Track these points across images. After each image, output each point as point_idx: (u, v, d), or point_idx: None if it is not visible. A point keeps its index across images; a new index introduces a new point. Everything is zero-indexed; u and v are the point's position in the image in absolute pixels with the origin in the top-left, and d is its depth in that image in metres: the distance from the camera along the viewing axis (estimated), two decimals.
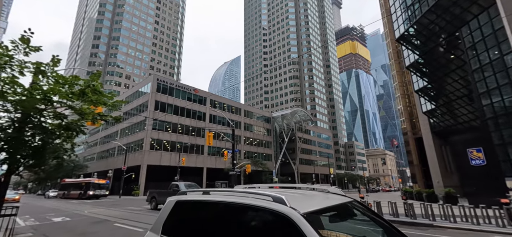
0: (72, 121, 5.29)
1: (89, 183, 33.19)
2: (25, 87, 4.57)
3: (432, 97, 39.57)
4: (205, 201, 2.49)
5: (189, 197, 2.70)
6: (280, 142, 70.30)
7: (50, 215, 14.21)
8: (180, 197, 2.73)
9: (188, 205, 2.63)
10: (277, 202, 1.90)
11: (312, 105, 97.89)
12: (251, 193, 2.19)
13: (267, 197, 2.01)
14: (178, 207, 2.63)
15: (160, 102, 44.85)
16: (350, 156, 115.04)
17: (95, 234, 8.52)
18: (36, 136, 4.84)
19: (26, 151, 4.84)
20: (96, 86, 5.06)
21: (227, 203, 2.27)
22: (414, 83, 41.72)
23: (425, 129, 46.09)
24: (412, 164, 57.87)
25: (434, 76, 36.33)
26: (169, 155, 43.97)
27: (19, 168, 5.13)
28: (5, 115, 4.83)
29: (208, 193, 2.60)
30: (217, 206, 2.36)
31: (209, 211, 2.44)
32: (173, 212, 2.62)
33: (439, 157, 43.93)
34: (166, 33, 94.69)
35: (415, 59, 36.88)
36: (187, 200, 2.66)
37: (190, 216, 2.54)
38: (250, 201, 2.09)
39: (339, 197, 2.47)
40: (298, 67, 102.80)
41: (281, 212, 1.82)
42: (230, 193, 2.41)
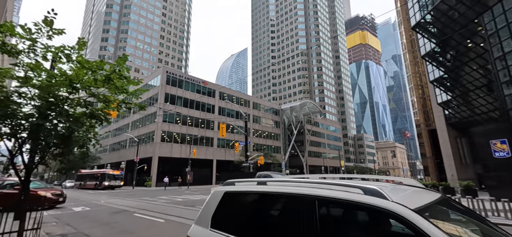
0: (97, 109, 5.15)
1: (104, 174, 34.07)
2: (50, 71, 4.40)
3: (448, 88, 38.18)
4: (263, 192, 2.22)
5: (239, 187, 2.49)
6: (289, 134, 69.91)
7: (70, 205, 14.56)
8: (229, 187, 2.51)
9: (240, 197, 2.41)
10: (373, 196, 1.61)
11: (320, 97, 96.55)
12: (325, 183, 1.92)
13: (354, 189, 1.72)
14: (227, 199, 2.43)
15: (170, 94, 45.09)
16: (359, 148, 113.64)
17: (118, 224, 8.58)
18: (62, 124, 4.71)
19: (51, 140, 4.74)
20: (122, 70, 4.87)
21: (297, 196, 1.97)
22: (429, 73, 40.27)
23: (439, 121, 44.82)
24: (425, 157, 56.60)
25: (451, 65, 34.87)
26: (179, 147, 44.45)
27: (45, 158, 5.06)
28: (30, 103, 4.73)
29: (264, 183, 2.33)
30: (281, 199, 2.10)
31: (269, 204, 2.19)
32: (222, 204, 2.41)
33: (454, 149, 42.79)
34: (174, 25, 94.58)
35: (431, 48, 35.45)
36: (238, 191, 2.44)
37: (244, 209, 2.33)
38: (330, 193, 1.80)
39: (431, 192, 2.12)
40: (306, 58, 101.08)
41: (385, 208, 1.53)
42: (295, 184, 2.12)
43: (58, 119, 4.61)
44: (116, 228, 7.94)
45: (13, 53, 4.19)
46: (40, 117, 4.33)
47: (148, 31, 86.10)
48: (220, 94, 54.21)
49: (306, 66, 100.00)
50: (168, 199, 17.60)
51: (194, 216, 9.99)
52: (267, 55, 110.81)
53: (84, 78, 4.63)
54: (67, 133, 4.67)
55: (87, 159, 7.19)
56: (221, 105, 53.64)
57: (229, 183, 2.59)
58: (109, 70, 4.67)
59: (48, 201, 12.46)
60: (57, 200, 13.57)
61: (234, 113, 55.33)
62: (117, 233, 7.23)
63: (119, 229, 7.79)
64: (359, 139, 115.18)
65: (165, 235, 6.98)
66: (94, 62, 4.52)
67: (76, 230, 7.71)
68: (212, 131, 50.27)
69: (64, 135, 4.68)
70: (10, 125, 4.44)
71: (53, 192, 13.49)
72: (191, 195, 21.68)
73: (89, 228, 8.03)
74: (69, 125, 4.56)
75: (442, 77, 37.69)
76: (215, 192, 2.54)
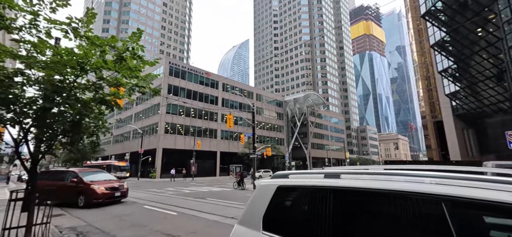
0: (105, 94, 4.68)
1: (110, 165, 34.02)
2: (56, 49, 3.89)
3: (456, 78, 37.32)
4: (342, 188, 1.71)
5: (297, 180, 2.00)
6: (292, 126, 69.48)
7: None
8: (282, 181, 2.04)
9: (301, 193, 1.93)
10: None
11: (324, 89, 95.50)
12: (449, 177, 1.36)
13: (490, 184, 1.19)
14: (282, 195, 1.97)
15: (173, 85, 44.57)
16: (362, 140, 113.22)
17: (129, 216, 8.28)
18: (71, 110, 4.25)
19: (59, 126, 4.29)
20: (136, 49, 4.37)
21: (408, 195, 1.40)
22: (437, 63, 39.32)
23: (446, 112, 44.18)
24: (430, 149, 56.12)
25: (461, 55, 33.92)
26: (183, 139, 44.26)
27: (52, 146, 4.65)
28: (34, 86, 4.27)
29: (337, 176, 1.79)
30: (377, 198, 1.55)
31: (352, 203, 1.68)
32: (275, 201, 1.97)
33: (460, 141, 42.32)
34: (175, 16, 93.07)
35: (441, 37, 34.42)
36: (297, 186, 1.96)
37: (310, 208, 1.81)
38: (472, 192, 1.22)
39: None
40: (310, 49, 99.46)
41: None
42: (392, 178, 1.57)
43: (66, 102, 4.11)
44: (127, 221, 7.63)
45: (12, 29, 3.70)
46: (46, 101, 3.86)
47: (149, 22, 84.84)
48: (223, 85, 53.59)
49: (309, 57, 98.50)
50: (175, 191, 17.38)
51: (205, 209, 9.80)
52: (270, 46, 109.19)
53: (93, 58, 4.14)
54: (77, 119, 4.22)
55: (97, 148, 6.79)
56: (225, 96, 53.10)
57: (280, 175, 2.13)
58: (122, 48, 4.16)
59: (100, 196, 10.27)
60: (113, 194, 10.80)
61: (237, 105, 54.82)
62: (129, 226, 6.91)
63: (130, 222, 7.47)
64: (362, 131, 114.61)
65: (180, 228, 6.64)
66: (105, 39, 4.02)
67: (86, 222, 7.40)
68: (216, 123, 49.92)
69: (73, 120, 4.22)
70: (13, 111, 3.97)
71: (109, 185, 10.88)
72: (198, 186, 21.50)
73: (99, 221, 7.73)
74: (78, 110, 4.11)
75: (450, 67, 36.81)
76: (263, 187, 2.08)
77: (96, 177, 11.19)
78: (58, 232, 6.02)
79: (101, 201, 10.31)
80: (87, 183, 10.40)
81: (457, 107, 42.09)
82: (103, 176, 11.76)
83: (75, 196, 10.28)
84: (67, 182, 10.72)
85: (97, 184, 10.51)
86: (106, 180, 11.30)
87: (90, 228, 6.69)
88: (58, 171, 12.64)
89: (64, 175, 11.33)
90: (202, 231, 6.25)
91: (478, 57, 30.37)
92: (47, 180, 11.07)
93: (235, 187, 18.92)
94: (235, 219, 7.52)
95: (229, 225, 6.98)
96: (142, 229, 6.58)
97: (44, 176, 11.78)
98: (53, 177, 11.64)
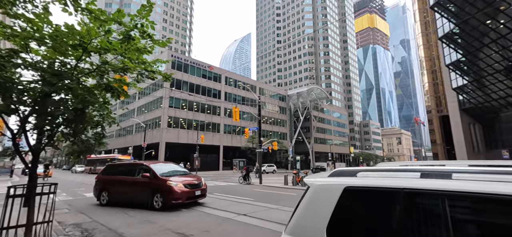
0: (111, 81, 4.22)
1: (114, 159, 33.84)
2: (55, 25, 3.39)
3: (464, 72, 36.51)
4: (457, 193, 1.20)
5: (372, 181, 1.51)
6: (295, 120, 68.94)
7: (81, 190, 14.05)
8: (350, 181, 1.57)
9: (381, 197, 1.44)
10: None
11: (327, 83, 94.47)
12: None
13: None
14: (350, 199, 1.49)
15: (175, 79, 44.04)
16: (365, 135, 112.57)
17: (136, 212, 7.91)
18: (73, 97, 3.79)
19: (61, 113, 3.83)
20: (146, 26, 3.86)
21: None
22: (445, 56, 38.46)
23: (452, 107, 43.49)
24: (435, 143, 55.50)
25: (470, 47, 33.06)
26: (186, 133, 43.99)
27: (54, 138, 4.22)
28: (34, 73, 3.81)
29: (445, 176, 1.31)
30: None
31: (469, 213, 1.21)
32: (342, 206, 1.50)
33: (467, 135, 41.75)
34: (176, 9, 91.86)
35: (450, 29, 33.50)
36: (373, 187, 1.47)
37: (399, 219, 1.32)
38: None
39: None
40: (313, 43, 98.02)
41: None
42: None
43: (68, 87, 3.61)
44: (134, 217, 7.26)
45: (5, 3, 3.22)
46: (45, 85, 3.39)
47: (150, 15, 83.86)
48: (226, 79, 52.98)
49: (313, 50, 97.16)
50: None
51: (215, 204, 9.30)
52: (272, 40, 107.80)
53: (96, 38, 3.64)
54: (80, 107, 3.76)
55: (102, 140, 6.11)
56: (227, 90, 52.55)
57: (343, 173, 1.66)
58: (129, 26, 3.66)
59: (180, 196, 8.09)
60: (193, 193, 8.56)
61: (240, 99, 54.29)
62: (138, 222, 6.53)
63: (138, 218, 7.11)
64: (365, 125, 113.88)
65: (191, 225, 6.26)
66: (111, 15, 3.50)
67: (91, 218, 7.05)
68: (219, 117, 49.52)
69: (76, 109, 3.76)
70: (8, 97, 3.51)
71: (187, 181, 8.60)
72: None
73: (105, 216, 7.37)
74: (82, 95, 3.64)
75: (459, 60, 35.98)
76: (322, 188, 1.61)
77: (165, 169, 9.19)
78: (61, 229, 5.66)
79: (181, 202, 8.15)
80: (162, 179, 8.29)
81: (464, 101, 41.47)
82: (172, 168, 9.61)
83: (149, 195, 8.26)
84: (138, 178, 8.73)
85: (173, 179, 8.36)
86: (182, 174, 9.17)
87: (95, 225, 6.33)
88: (126, 163, 10.59)
89: (134, 168, 9.39)
90: (216, 230, 5.86)
91: (487, 49, 29.56)
92: (113, 175, 9.61)
93: (240, 181, 18.59)
94: (248, 216, 7.13)
95: (242, 223, 6.59)
96: (150, 226, 6.20)
97: (110, 170, 10.11)
98: (121, 171, 9.80)
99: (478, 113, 40.96)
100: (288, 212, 7.70)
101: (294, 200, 10.41)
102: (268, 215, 7.50)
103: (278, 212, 7.99)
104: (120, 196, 9.13)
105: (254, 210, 8.00)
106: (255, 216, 7.22)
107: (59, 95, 3.76)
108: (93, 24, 3.44)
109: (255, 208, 8.50)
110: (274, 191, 13.79)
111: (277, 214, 7.56)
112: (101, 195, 9.41)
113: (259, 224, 6.33)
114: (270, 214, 7.67)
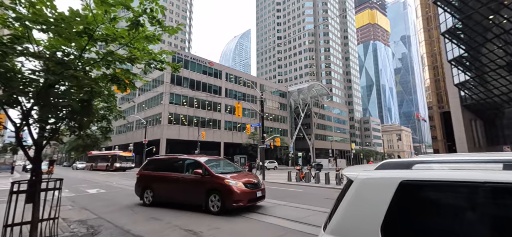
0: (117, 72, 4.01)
1: (115, 155, 33.67)
2: (59, 10, 3.15)
3: (467, 67, 36.31)
4: None
5: (434, 174, 1.32)
6: (295, 117, 68.79)
7: (84, 187, 13.92)
8: (406, 174, 1.37)
9: (448, 193, 1.25)
10: None
11: (327, 80, 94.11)
12: None
13: None
14: (407, 195, 1.30)
15: (176, 75, 43.72)
16: (365, 131, 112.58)
17: (141, 209, 7.75)
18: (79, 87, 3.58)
19: (66, 104, 3.63)
20: (156, 11, 3.60)
21: None
22: (448, 52, 38.21)
23: (454, 103, 43.39)
24: (436, 140, 55.50)
25: (473, 43, 32.81)
26: (187, 129, 43.83)
27: (58, 131, 4.03)
28: (35, 64, 3.60)
29: None
30: None
31: None
32: (398, 204, 1.30)
33: (468, 131, 41.69)
34: (176, 4, 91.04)
35: (453, 24, 33.20)
36: (437, 181, 1.27)
37: (476, 218, 1.15)
38: None
39: None
40: (313, 38, 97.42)
41: None
42: None
43: (74, 77, 3.36)
44: (140, 213, 7.11)
45: None
46: (49, 74, 3.18)
47: None
48: (226, 75, 52.66)
49: (313, 47, 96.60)
50: None
51: None
52: (273, 36, 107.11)
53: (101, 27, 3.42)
54: (87, 97, 3.55)
55: (108, 134, 5.51)
56: (228, 86, 52.27)
57: (394, 165, 1.45)
58: (137, 12, 3.43)
59: (241, 197, 6.84)
60: (254, 194, 7.30)
61: (241, 95, 54.03)
62: (144, 219, 6.38)
63: (144, 215, 6.95)
64: (366, 122, 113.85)
65: (202, 223, 6.11)
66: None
67: (96, 215, 6.89)
68: (219, 113, 49.32)
69: (83, 100, 3.56)
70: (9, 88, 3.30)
71: (246, 180, 7.36)
72: None
73: (110, 213, 7.22)
74: (89, 85, 3.44)
75: (461, 55, 35.75)
76: (372, 182, 1.42)
77: (220, 166, 8.21)
78: (67, 226, 5.50)
79: (243, 205, 6.89)
80: (218, 177, 7.12)
81: (466, 98, 41.40)
82: (226, 165, 8.65)
83: (203, 195, 7.12)
84: (189, 175, 7.62)
85: (232, 178, 7.17)
86: (238, 173, 7.92)
87: (101, 222, 6.18)
88: (173, 158, 8.95)
89: (181, 163, 8.19)
90: (226, 228, 5.71)
91: (490, 45, 29.34)
92: (157, 171, 8.48)
93: None
94: (260, 214, 6.97)
95: (253, 220, 6.44)
96: (157, 223, 6.04)
97: (150, 165, 8.98)
98: (167, 167, 8.52)
99: (480, 109, 40.87)
100: (298, 209, 7.55)
101: (301, 196, 10.27)
102: (283, 212, 7.36)
103: (288, 208, 7.85)
104: (167, 195, 8.01)
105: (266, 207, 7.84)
106: (265, 213, 7.07)
107: (64, 85, 3.56)
108: (99, 9, 3.22)
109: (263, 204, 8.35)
110: (279, 187, 13.66)
111: (288, 212, 7.42)
112: (145, 193, 8.31)
113: (273, 222, 6.18)
114: (284, 211, 7.52)
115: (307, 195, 10.83)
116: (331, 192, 11.47)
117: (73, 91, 3.64)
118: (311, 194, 10.90)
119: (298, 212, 7.11)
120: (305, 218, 6.40)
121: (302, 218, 6.41)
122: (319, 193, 11.19)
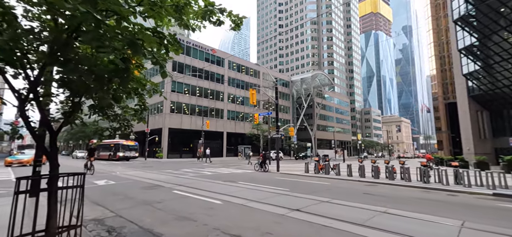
0: (155, 28, 2.94)
1: (118, 144, 32.44)
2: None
3: (477, 57, 35.35)
4: None
5: None
6: (297, 107, 67.78)
7: (89, 177, 12.89)
8: None
9: None
10: None
11: (330, 70, 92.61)
12: None
13: None
14: None
15: (178, 62, 42.14)
16: (365, 122, 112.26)
17: (162, 205, 6.78)
18: (122, 38, 2.38)
19: (97, 71, 2.52)
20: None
21: None
22: (458, 41, 37.09)
23: (461, 93, 42.66)
24: (440, 131, 55.08)
25: (486, 30, 31.69)
26: (189, 119, 42.69)
27: (81, 105, 2.96)
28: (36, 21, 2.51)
29: None
30: None
31: None
32: None
33: (474, 123, 41.22)
34: None
35: (467, 10, 31.97)
36: None
37: None
38: None
39: None
40: (316, 27, 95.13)
41: None
42: None
43: (119, 11, 2.19)
44: (163, 210, 6.14)
45: None
46: (74, 9, 2.05)
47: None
48: (229, 63, 51.09)
49: (315, 35, 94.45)
50: (195, 172, 15.99)
51: (250, 196, 7.66)
52: (274, 24, 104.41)
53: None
54: (122, 65, 2.42)
55: (142, 115, 4.50)
56: (231, 75, 50.81)
57: None
58: None
59: None
60: None
61: (244, 84, 52.69)
62: (173, 219, 5.40)
63: (169, 212, 5.99)
64: (366, 113, 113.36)
65: (240, 223, 5.17)
66: None
67: (113, 212, 5.91)
68: (222, 102, 48.10)
69: (117, 67, 2.42)
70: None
71: None
72: (215, 168, 20.21)
73: (128, 209, 6.24)
74: (131, 37, 2.32)
75: (472, 44, 34.72)
76: None
77: None
78: (87, 232, 4.50)
79: None
80: None
81: (473, 88, 40.74)
82: None
83: None
84: None
85: None
86: None
87: (122, 221, 5.21)
88: None
89: None
90: (279, 231, 4.77)
91: (506, 32, 28.27)
92: None
93: (256, 168, 17.61)
94: (304, 213, 6.00)
95: (303, 221, 5.50)
96: (190, 223, 5.08)
97: None
98: None
99: (487, 100, 40.25)
100: (354, 209, 6.71)
101: (329, 191, 9.38)
102: (329, 211, 6.44)
103: (327, 205, 6.94)
104: None
105: (305, 204, 6.88)
106: (310, 212, 6.15)
107: (94, 35, 2.38)
108: None
109: (298, 200, 7.43)
110: (300, 180, 12.81)
111: (327, 209, 6.51)
112: None
113: (325, 223, 5.26)
114: (324, 209, 6.61)
115: (340, 189, 9.95)
116: (363, 186, 10.61)
117: (103, 45, 2.48)
118: (344, 189, 10.00)
119: (358, 214, 6.05)
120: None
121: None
122: (351, 188, 10.31)
